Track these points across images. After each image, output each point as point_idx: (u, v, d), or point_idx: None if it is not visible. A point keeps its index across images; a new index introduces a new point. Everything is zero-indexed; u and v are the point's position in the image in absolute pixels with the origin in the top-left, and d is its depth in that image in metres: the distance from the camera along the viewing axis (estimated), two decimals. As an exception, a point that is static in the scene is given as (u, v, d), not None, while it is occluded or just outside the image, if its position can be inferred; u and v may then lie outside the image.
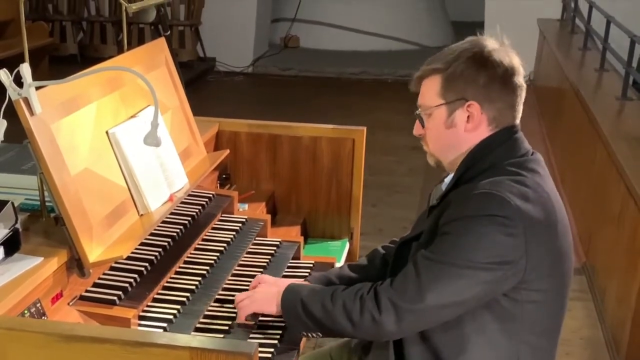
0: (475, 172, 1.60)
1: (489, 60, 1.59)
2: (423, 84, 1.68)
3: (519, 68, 1.63)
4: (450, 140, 1.64)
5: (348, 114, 6.56)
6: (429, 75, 1.65)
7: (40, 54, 7.30)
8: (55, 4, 8.86)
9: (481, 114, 1.60)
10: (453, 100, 1.61)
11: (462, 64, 1.59)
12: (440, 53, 1.67)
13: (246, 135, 2.58)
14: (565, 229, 1.61)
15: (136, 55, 2.14)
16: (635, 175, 3.16)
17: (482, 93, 1.59)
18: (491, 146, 1.61)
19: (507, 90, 1.60)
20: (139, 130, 1.85)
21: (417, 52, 9.36)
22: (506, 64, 1.60)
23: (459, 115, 1.61)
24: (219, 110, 2.98)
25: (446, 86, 1.61)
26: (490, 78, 1.58)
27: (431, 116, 1.65)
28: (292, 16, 9.73)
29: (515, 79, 1.61)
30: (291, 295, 1.70)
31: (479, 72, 1.58)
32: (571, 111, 4.99)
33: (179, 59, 7.77)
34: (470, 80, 1.59)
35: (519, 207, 1.50)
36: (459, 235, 1.52)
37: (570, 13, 7.07)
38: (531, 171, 1.58)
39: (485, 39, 1.63)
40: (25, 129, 1.59)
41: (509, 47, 1.64)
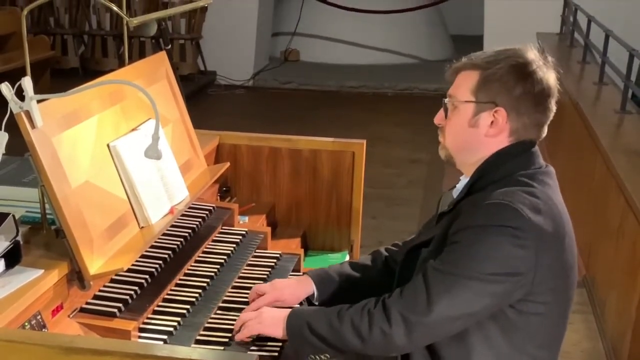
0: (488, 181, 1.60)
1: (531, 75, 1.59)
2: (459, 75, 1.67)
3: (555, 90, 1.63)
4: (469, 140, 1.64)
5: (348, 127, 6.58)
6: (468, 69, 1.65)
7: (41, 67, 7.34)
8: (56, 17, 8.90)
9: (505, 123, 1.60)
10: (484, 101, 1.61)
11: (504, 69, 1.59)
12: (484, 52, 1.67)
13: (246, 148, 2.59)
14: (571, 242, 1.62)
15: (137, 68, 2.16)
16: (635, 188, 3.16)
17: (513, 103, 1.59)
18: (507, 157, 1.61)
19: (538, 109, 1.61)
20: (140, 143, 1.86)
21: (416, 66, 9.41)
22: (544, 84, 1.60)
23: (484, 118, 1.61)
24: (219, 124, 3.00)
25: (481, 85, 1.61)
26: (525, 92, 1.59)
27: (457, 109, 1.65)
28: (292, 30, 9.78)
29: (549, 100, 1.62)
30: (296, 319, 1.68)
31: (517, 83, 1.58)
32: (570, 124, 5.00)
33: (180, 72, 7.83)
34: (506, 87, 1.59)
35: (531, 218, 1.50)
36: (470, 245, 1.52)
37: (569, 27, 7.10)
38: (542, 183, 1.59)
39: (532, 51, 1.63)
40: (26, 142, 1.60)
41: (551, 65, 1.64)
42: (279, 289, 1.87)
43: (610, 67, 5.14)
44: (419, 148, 5.99)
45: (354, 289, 1.88)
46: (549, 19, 7.72)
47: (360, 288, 1.88)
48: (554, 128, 5.09)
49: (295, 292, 1.87)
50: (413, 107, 7.16)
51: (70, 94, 1.67)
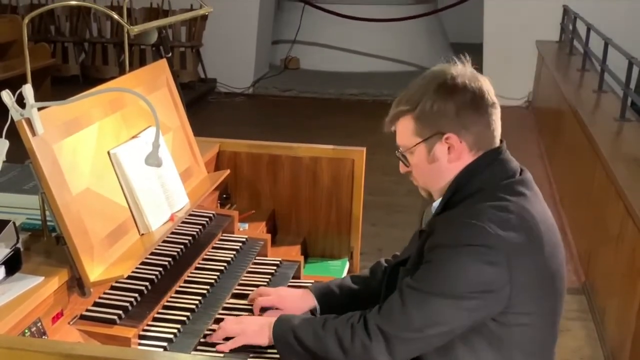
0: (462, 196, 1.60)
1: (455, 88, 1.58)
2: (397, 125, 1.69)
3: (487, 87, 1.62)
4: (436, 173, 1.65)
5: (348, 134, 6.58)
6: (400, 117, 1.66)
7: (42, 74, 7.35)
8: (57, 25, 8.93)
9: (460, 143, 1.60)
10: (429, 136, 1.61)
11: (429, 99, 1.59)
12: (406, 90, 1.67)
13: (247, 155, 2.59)
14: (554, 249, 1.60)
15: (138, 76, 2.16)
16: (634, 195, 3.17)
17: (455, 123, 1.58)
18: (476, 170, 1.61)
19: (479, 113, 1.60)
20: (141, 151, 1.87)
21: (416, 74, 9.17)
22: (472, 87, 1.59)
23: (439, 149, 1.61)
24: (219, 131, 3.00)
25: (419, 124, 1.62)
26: (459, 106, 1.58)
27: (412, 154, 1.66)
28: (292, 38, 9.81)
29: (485, 99, 1.60)
30: (282, 325, 1.69)
31: (447, 103, 1.58)
32: (570, 132, 5.02)
33: (180, 80, 7.83)
34: (440, 113, 1.58)
35: (500, 235, 1.50)
36: (442, 265, 1.53)
37: (569, 35, 7.12)
38: (516, 194, 1.57)
39: (447, 66, 1.64)
40: (27, 149, 1.60)
41: (470, 66, 1.63)
42: (282, 296, 1.88)
43: (609, 75, 5.16)
44: (419, 156, 5.99)
45: (356, 302, 1.89)
46: (549, 27, 7.73)
47: (362, 301, 1.89)
48: (553, 135, 5.07)
49: (297, 304, 1.88)
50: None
51: (71, 101, 1.67)
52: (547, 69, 6.75)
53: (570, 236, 4.31)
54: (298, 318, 1.72)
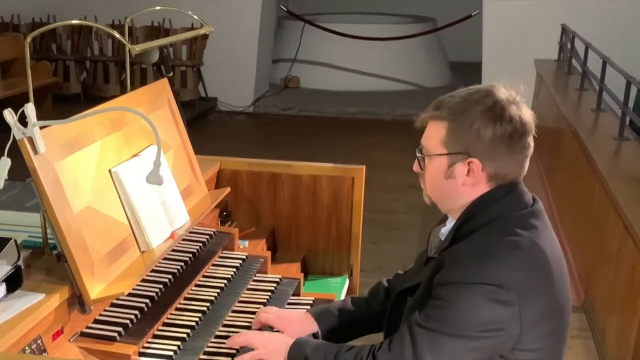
0: (472, 227, 1.57)
1: (500, 117, 1.53)
2: (429, 125, 1.64)
3: (530, 126, 1.57)
4: (447, 190, 1.62)
5: (347, 152, 6.61)
6: (436, 119, 1.61)
7: (43, 92, 7.39)
8: (59, 43, 8.98)
9: (482, 171, 1.56)
10: (455, 152, 1.57)
11: (472, 117, 1.53)
12: (452, 98, 1.60)
13: (247, 173, 2.61)
14: (563, 285, 1.59)
15: (139, 95, 2.18)
16: (633, 214, 3.18)
17: (486, 151, 1.54)
18: (489, 202, 1.58)
19: (513, 150, 1.55)
20: (142, 169, 1.88)
21: (415, 92, 9.48)
22: (516, 123, 1.54)
23: (459, 168, 1.57)
24: (220, 149, 3.02)
25: (451, 136, 1.56)
26: (497, 136, 1.53)
27: (431, 160, 1.62)
28: (292, 57, 9.87)
29: (524, 139, 1.56)
30: (297, 350, 1.68)
31: (487, 129, 1.52)
32: (569, 150, 5.03)
33: (181, 98, 7.85)
34: (476, 136, 1.53)
35: (511, 274, 1.48)
36: (452, 303, 1.50)
37: (567, 54, 7.16)
38: (528, 228, 1.55)
39: (499, 90, 1.57)
40: (29, 168, 1.61)
41: (522, 100, 1.58)
42: (283, 318, 1.88)
43: (607, 94, 5.19)
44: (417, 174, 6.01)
45: (357, 324, 1.89)
46: (547, 46, 7.78)
47: (363, 322, 1.89)
48: (552, 154, 5.08)
49: (298, 329, 1.86)
50: (412, 133, 7.16)
51: (72, 120, 1.68)
52: (546, 88, 6.79)
53: (570, 254, 4.31)
54: (312, 344, 1.70)
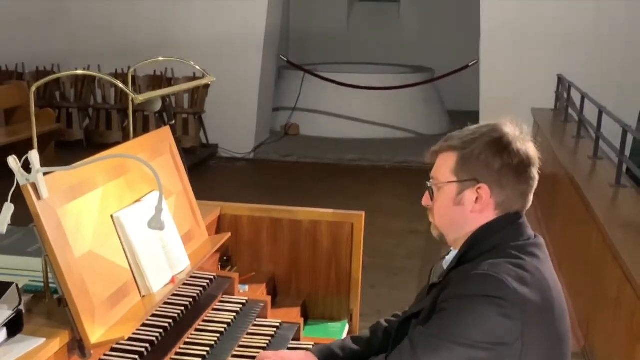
0: (477, 253, 1.63)
1: (507, 148, 1.62)
2: (439, 157, 1.71)
3: (535, 159, 1.66)
4: (456, 217, 1.67)
5: (347, 198, 6.64)
6: (445, 150, 1.69)
7: (47, 139, 7.46)
8: (62, 91, 9.08)
9: (490, 198, 1.63)
10: (465, 179, 1.64)
11: (480, 146, 1.62)
12: (461, 132, 1.70)
13: (247, 218, 2.63)
14: (563, 313, 1.63)
15: (142, 142, 2.22)
16: (632, 260, 3.19)
17: (494, 178, 1.62)
18: (494, 230, 1.64)
19: (520, 180, 1.64)
20: (143, 214, 1.90)
21: (414, 140, 9.56)
22: (523, 154, 1.63)
23: (468, 195, 1.64)
24: (221, 195, 3.05)
25: (461, 165, 1.65)
26: (505, 165, 1.62)
27: (441, 190, 1.69)
28: (292, 105, 10.00)
29: (529, 170, 1.65)
30: None
31: (495, 158, 1.62)
32: (566, 197, 5.06)
33: (183, 145, 7.88)
34: (485, 163, 1.62)
35: (517, 290, 1.52)
36: (457, 313, 1.54)
37: (564, 103, 7.24)
38: (531, 255, 1.61)
39: (506, 125, 1.67)
40: (32, 213, 1.63)
41: (527, 136, 1.67)
42: (283, 358, 1.89)
43: (604, 142, 5.24)
44: (417, 219, 6.03)
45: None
46: (544, 95, 7.86)
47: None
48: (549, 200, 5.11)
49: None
50: (410, 180, 7.22)
51: (76, 167, 1.71)
52: (543, 136, 6.85)
53: (569, 300, 4.28)
54: None
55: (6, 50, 9.10)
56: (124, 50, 8.66)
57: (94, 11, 8.93)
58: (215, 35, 8.64)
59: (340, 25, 12.56)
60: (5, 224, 1.62)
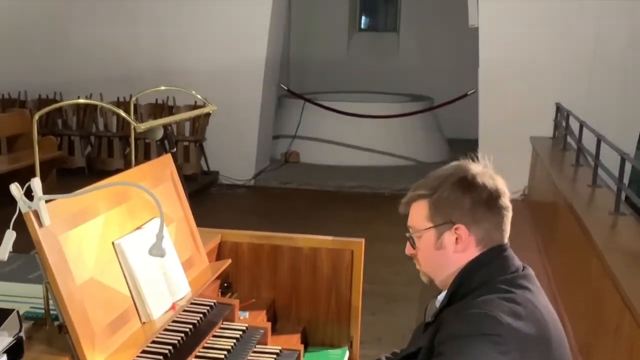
0: (467, 290, 1.64)
1: (473, 185, 1.66)
2: (412, 207, 1.75)
3: (504, 190, 1.69)
4: (441, 260, 1.70)
5: (347, 225, 6.64)
6: (416, 199, 1.73)
7: (48, 166, 7.50)
8: (64, 119, 9.15)
9: (469, 236, 1.66)
10: (441, 223, 1.67)
11: (448, 189, 1.66)
12: (427, 178, 1.74)
13: (248, 245, 2.64)
14: (560, 341, 1.63)
15: (143, 170, 2.24)
16: (631, 288, 3.19)
17: (468, 216, 1.65)
18: (480, 265, 1.65)
19: (492, 212, 1.67)
20: (144, 241, 1.92)
21: (413, 168, 9.61)
22: (490, 187, 1.67)
23: (448, 237, 1.67)
24: (221, 221, 3.06)
25: (433, 210, 1.68)
26: (475, 201, 1.65)
27: (421, 238, 1.72)
28: (292, 133, 10.06)
29: (500, 201, 1.68)
30: None
31: (464, 196, 1.65)
32: (566, 225, 5.07)
33: (184, 172, 7.93)
34: (456, 204, 1.65)
35: (511, 325, 1.52)
36: (455, 355, 1.53)
37: (562, 131, 7.26)
38: (522, 288, 1.61)
39: (469, 163, 1.72)
40: (33, 240, 1.64)
41: (492, 170, 1.72)
42: None
43: (603, 170, 5.26)
44: (417, 247, 6.03)
45: None
46: (542, 124, 7.89)
47: None
48: (549, 228, 5.09)
49: None
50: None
51: (78, 194, 1.71)
52: (542, 164, 6.88)
53: (569, 328, 4.29)
54: None
55: (9, 78, 9.19)
56: (125, 78, 8.75)
57: (96, 39, 9.03)
58: (217, 63, 8.73)
59: (340, 55, 12.71)
60: (7, 251, 1.63)
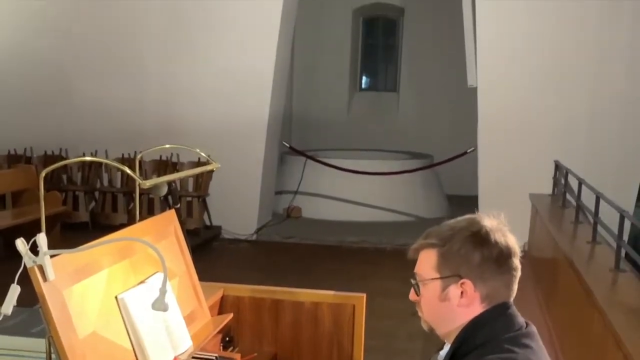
0: (469, 348, 1.63)
1: (485, 241, 1.62)
2: (420, 254, 1.73)
3: (515, 249, 1.67)
4: (444, 313, 1.68)
5: (348, 280, 6.63)
6: (426, 248, 1.71)
7: (53, 221, 7.52)
8: (69, 175, 9.21)
9: (474, 292, 1.64)
10: (447, 275, 1.65)
11: (459, 242, 1.63)
12: (439, 227, 1.70)
13: (249, 299, 2.65)
14: None
15: (147, 225, 2.28)
16: (633, 345, 3.17)
17: (476, 272, 1.63)
18: (484, 323, 1.64)
19: (501, 270, 1.64)
20: (147, 296, 1.95)
21: (414, 223, 9.63)
22: (502, 246, 1.63)
23: (453, 291, 1.65)
24: (223, 275, 3.08)
25: (442, 261, 1.65)
26: (485, 258, 1.62)
27: (426, 287, 1.70)
28: (294, 189, 10.13)
29: (510, 260, 1.65)
30: None
31: (475, 252, 1.62)
32: (566, 281, 5.06)
33: (187, 226, 7.96)
34: (465, 258, 1.62)
35: None
36: None
37: (561, 189, 7.28)
38: (524, 347, 1.60)
39: (483, 218, 1.67)
40: (38, 294, 1.67)
41: (505, 227, 1.69)
42: None
43: (602, 227, 5.27)
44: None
45: None
46: (541, 181, 7.90)
47: None
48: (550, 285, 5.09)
49: None
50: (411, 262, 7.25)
51: (82, 249, 1.74)
52: (542, 221, 6.89)
53: (572, 386, 4.24)
54: None
55: (15, 134, 9.32)
56: (130, 134, 8.87)
57: (101, 97, 9.18)
58: (220, 121, 8.86)
59: (342, 113, 12.93)
60: (11, 305, 1.65)
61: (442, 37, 11.88)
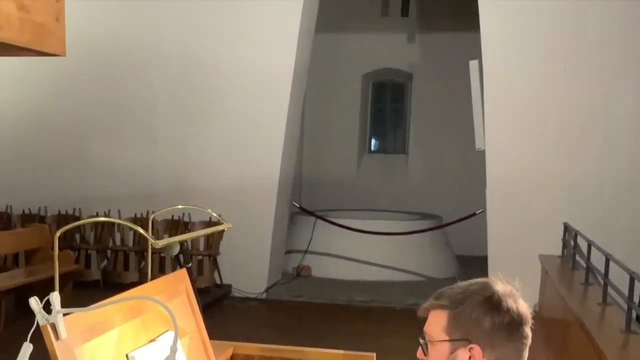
0: None
1: (497, 307, 1.61)
2: (431, 314, 1.72)
3: (527, 317, 1.64)
4: None
5: (357, 339, 6.58)
6: (437, 308, 1.68)
7: (65, 279, 7.55)
8: (82, 234, 9.30)
9: (482, 358, 1.62)
10: (457, 339, 1.63)
11: (470, 306, 1.62)
12: (452, 289, 1.69)
13: (259, 358, 2.66)
14: None
15: (158, 284, 2.32)
16: (644, 408, 3.15)
17: (485, 338, 1.61)
18: None
19: (512, 338, 1.62)
20: (158, 354, 1.98)
21: (423, 283, 9.60)
22: (513, 313, 1.62)
23: (461, 355, 1.64)
24: (233, 334, 3.09)
25: (452, 324, 1.64)
26: (496, 324, 1.60)
27: (434, 347, 1.69)
28: (304, 248, 10.16)
29: (521, 328, 1.63)
30: None
31: (486, 317, 1.61)
32: (577, 343, 5.02)
33: (197, 285, 7.95)
34: (475, 324, 1.61)
35: None
36: None
37: (570, 250, 7.25)
38: None
39: (496, 283, 1.66)
40: (50, 352, 1.69)
41: (518, 292, 1.69)
42: None
43: (612, 288, 5.24)
44: (428, 363, 5.93)
45: None
46: (551, 242, 7.87)
47: None
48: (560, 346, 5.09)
49: None
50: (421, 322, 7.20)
51: (95, 308, 1.76)
52: (551, 282, 6.85)
53: None
54: None
55: (29, 193, 9.46)
56: (143, 194, 8.99)
57: (115, 157, 9.34)
58: (231, 181, 8.98)
59: (351, 174, 13.05)
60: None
61: (449, 101, 12.09)
